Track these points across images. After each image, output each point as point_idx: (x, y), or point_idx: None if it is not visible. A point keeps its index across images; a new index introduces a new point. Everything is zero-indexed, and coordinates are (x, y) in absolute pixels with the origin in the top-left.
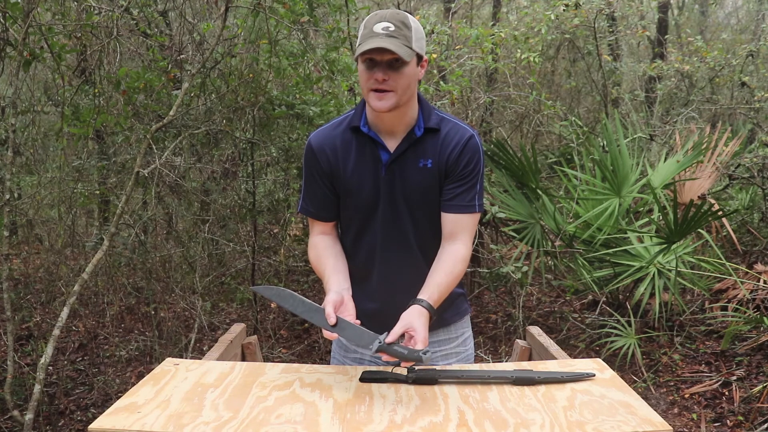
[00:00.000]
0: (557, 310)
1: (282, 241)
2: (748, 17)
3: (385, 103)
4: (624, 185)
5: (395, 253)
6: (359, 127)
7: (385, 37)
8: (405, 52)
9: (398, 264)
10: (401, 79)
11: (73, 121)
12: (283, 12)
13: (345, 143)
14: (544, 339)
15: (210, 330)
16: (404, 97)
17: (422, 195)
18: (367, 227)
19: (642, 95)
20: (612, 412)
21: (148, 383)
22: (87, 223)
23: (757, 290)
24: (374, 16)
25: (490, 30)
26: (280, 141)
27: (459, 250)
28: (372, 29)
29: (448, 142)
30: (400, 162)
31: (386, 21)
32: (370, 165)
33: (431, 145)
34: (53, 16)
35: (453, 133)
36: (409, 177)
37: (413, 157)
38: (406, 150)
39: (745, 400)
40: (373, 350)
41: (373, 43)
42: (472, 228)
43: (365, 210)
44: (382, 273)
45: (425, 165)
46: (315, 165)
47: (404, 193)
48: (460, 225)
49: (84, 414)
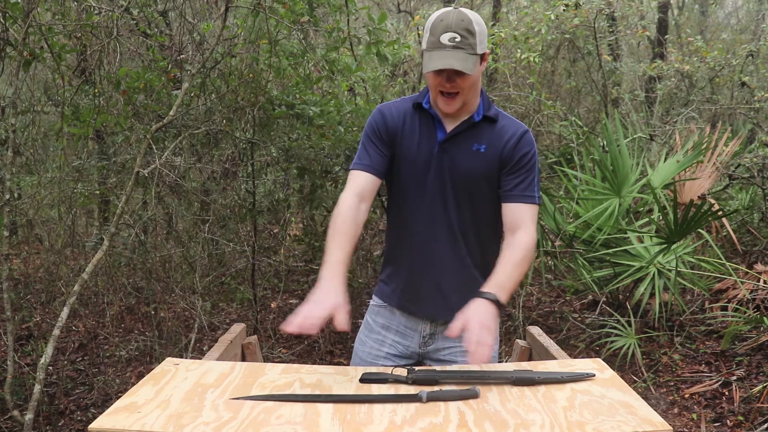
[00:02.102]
0: (557, 310)
1: (282, 241)
2: (748, 17)
3: (453, 107)
4: (624, 185)
5: (435, 229)
6: (422, 104)
7: (452, 49)
8: (471, 66)
9: (436, 239)
10: (467, 82)
11: (73, 121)
12: (283, 12)
13: (410, 115)
14: (544, 339)
15: (210, 330)
16: (470, 96)
17: (470, 177)
18: (415, 199)
19: (642, 95)
20: (612, 412)
21: (148, 383)
22: (87, 223)
23: (757, 290)
24: (440, 22)
25: (490, 30)
26: (280, 141)
27: (522, 239)
28: (439, 39)
29: (504, 133)
30: (454, 142)
31: (452, 31)
32: (427, 139)
33: (487, 132)
34: (53, 16)
35: (509, 126)
36: (460, 158)
37: (468, 141)
38: (462, 132)
39: (745, 400)
40: (424, 399)
41: (442, 59)
42: (533, 218)
43: (415, 181)
44: (419, 245)
45: (478, 149)
46: (379, 124)
47: (452, 173)
48: (521, 214)
49: (84, 414)
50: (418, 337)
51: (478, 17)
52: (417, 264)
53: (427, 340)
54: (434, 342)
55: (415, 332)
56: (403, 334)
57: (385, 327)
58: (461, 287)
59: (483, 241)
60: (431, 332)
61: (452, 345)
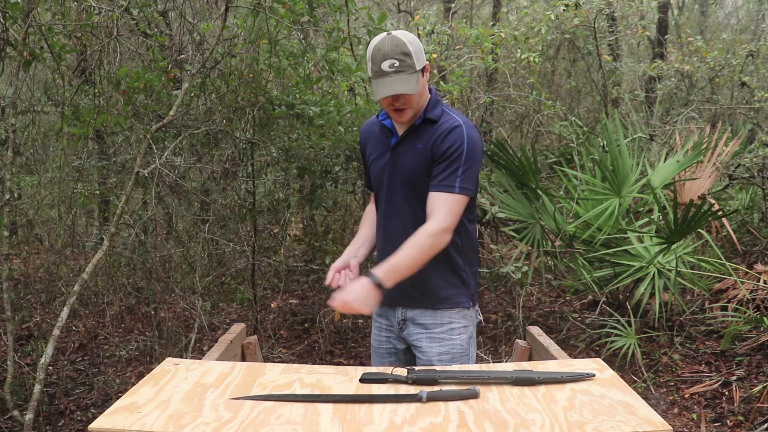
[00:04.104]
0: (557, 310)
1: (282, 241)
2: (748, 17)
3: (405, 117)
4: (624, 185)
5: (393, 225)
6: (379, 118)
7: (393, 74)
8: (414, 85)
9: (395, 235)
10: (413, 97)
11: (73, 121)
12: (283, 12)
13: (375, 129)
14: (544, 339)
15: (210, 330)
16: (418, 105)
17: (414, 175)
18: (379, 200)
19: (642, 95)
20: (612, 412)
21: (148, 383)
22: (87, 223)
23: (757, 290)
24: (377, 51)
25: (490, 30)
26: (280, 141)
27: (428, 226)
28: (380, 68)
29: (437, 130)
30: (401, 146)
31: (390, 58)
32: (384, 148)
33: (427, 132)
34: (53, 16)
35: (446, 122)
36: (405, 158)
37: (412, 142)
38: (407, 136)
39: (745, 400)
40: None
41: (386, 86)
42: (449, 206)
43: (377, 185)
44: (383, 241)
45: (418, 147)
46: (360, 143)
47: (401, 173)
48: (435, 202)
49: (84, 414)
50: (396, 323)
51: (410, 36)
52: (381, 257)
53: (402, 326)
54: (407, 328)
55: (393, 318)
56: (388, 321)
57: (379, 314)
58: (414, 278)
59: None
60: (402, 318)
61: (419, 331)
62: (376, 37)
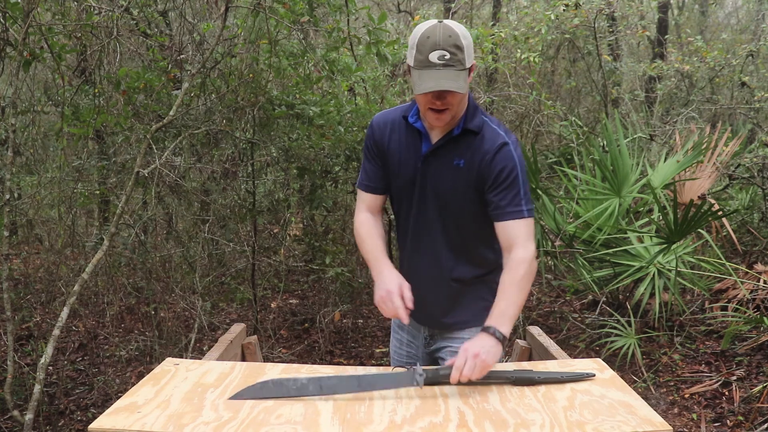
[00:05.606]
0: (557, 310)
1: (282, 241)
2: (748, 17)
3: (443, 121)
4: (624, 185)
5: (422, 241)
6: (408, 118)
7: (442, 68)
8: (462, 83)
9: (423, 251)
10: (457, 98)
11: (73, 121)
12: (283, 12)
13: (398, 127)
14: (544, 339)
15: (210, 330)
16: (458, 110)
17: (451, 193)
18: (405, 209)
19: (642, 95)
20: (612, 412)
21: (148, 383)
22: (87, 223)
23: (757, 290)
24: (426, 39)
25: (490, 30)
26: (280, 141)
27: (518, 255)
28: (428, 58)
29: (482, 148)
30: (436, 157)
31: (441, 49)
32: (412, 153)
33: (468, 145)
34: (53, 16)
35: (489, 138)
36: (441, 173)
37: (449, 155)
38: (443, 146)
39: (745, 400)
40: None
41: (433, 80)
42: (526, 232)
43: (403, 194)
44: (409, 254)
45: (458, 164)
46: (370, 138)
47: (435, 187)
48: (512, 231)
49: (84, 414)
50: (421, 338)
51: (463, 29)
52: (408, 275)
53: (429, 341)
54: (435, 342)
55: (419, 333)
56: (412, 335)
57: (401, 327)
58: (445, 301)
59: (470, 255)
60: (431, 334)
61: (448, 345)
62: (425, 23)
